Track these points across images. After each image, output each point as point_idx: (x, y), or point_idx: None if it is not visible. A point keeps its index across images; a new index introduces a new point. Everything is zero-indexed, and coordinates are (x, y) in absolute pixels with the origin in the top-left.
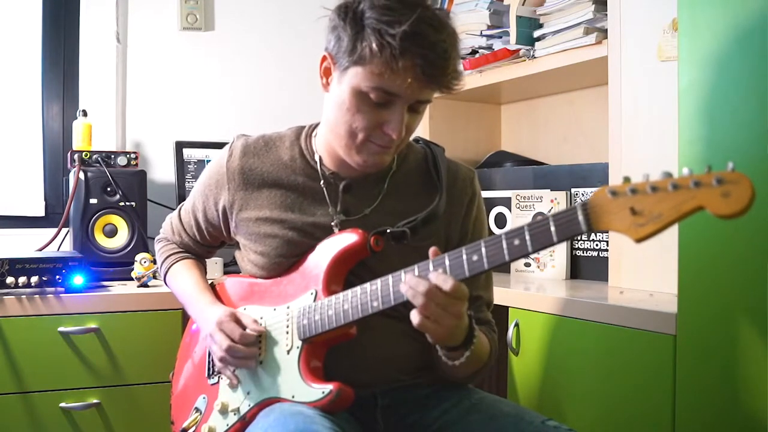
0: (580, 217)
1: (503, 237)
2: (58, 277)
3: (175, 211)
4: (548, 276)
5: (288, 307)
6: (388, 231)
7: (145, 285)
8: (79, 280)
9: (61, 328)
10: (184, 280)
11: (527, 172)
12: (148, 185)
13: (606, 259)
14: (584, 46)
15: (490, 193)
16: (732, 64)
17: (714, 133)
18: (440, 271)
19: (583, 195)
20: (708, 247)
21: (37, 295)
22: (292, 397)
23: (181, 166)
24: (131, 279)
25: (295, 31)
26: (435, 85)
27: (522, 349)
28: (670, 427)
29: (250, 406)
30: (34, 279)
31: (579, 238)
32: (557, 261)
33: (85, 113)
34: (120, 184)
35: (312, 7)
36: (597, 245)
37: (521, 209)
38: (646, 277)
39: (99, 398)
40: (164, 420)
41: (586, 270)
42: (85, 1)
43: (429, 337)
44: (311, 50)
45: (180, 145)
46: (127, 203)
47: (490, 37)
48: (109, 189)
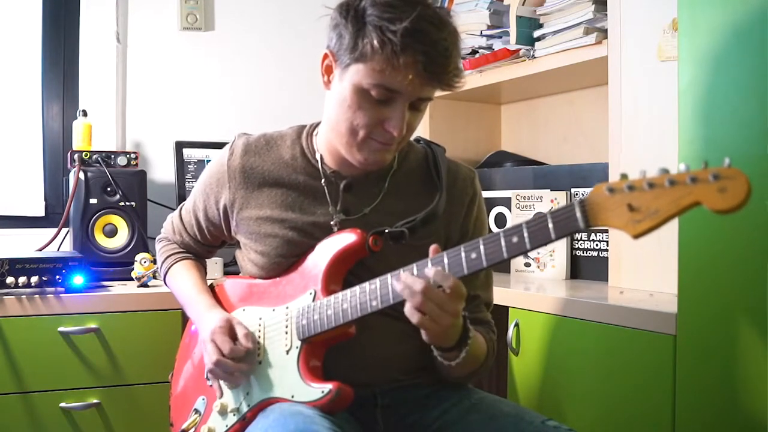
0: (578, 214)
1: (502, 235)
2: (58, 277)
3: (175, 210)
4: (548, 276)
5: (287, 308)
6: (387, 231)
7: (145, 285)
8: (79, 280)
9: (61, 328)
10: (183, 281)
11: (527, 172)
12: (148, 185)
13: (606, 259)
14: (584, 46)
15: (490, 193)
16: (732, 64)
17: (714, 132)
18: (439, 269)
19: (583, 195)
20: (708, 247)
21: (37, 295)
22: (292, 397)
23: (181, 166)
24: (131, 279)
25: (295, 31)
26: (436, 83)
27: (522, 349)
28: (670, 427)
29: (249, 406)
30: (34, 279)
31: (579, 237)
32: (557, 261)
33: (85, 113)
34: (120, 184)
35: (312, 7)
36: (597, 245)
37: (521, 209)
38: (646, 277)
39: (99, 398)
40: (164, 420)
41: (586, 270)
42: (85, 1)
43: (424, 336)
44: (311, 50)
45: (180, 145)
46: (127, 203)
47: (490, 37)
48: (109, 189)
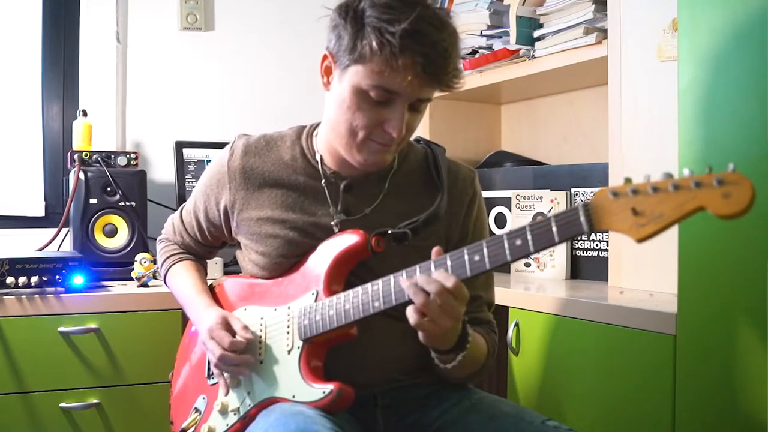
0: (582, 218)
1: (505, 237)
2: (58, 277)
3: (176, 211)
4: (548, 276)
5: (289, 308)
6: (390, 232)
7: (145, 285)
8: (79, 280)
9: (61, 328)
10: (183, 282)
11: (527, 172)
12: (148, 185)
13: (606, 259)
14: (584, 46)
15: (490, 193)
16: (732, 64)
17: (714, 132)
18: (442, 270)
19: (583, 195)
20: (708, 247)
21: (37, 295)
22: (293, 397)
23: (181, 166)
24: (131, 279)
25: (295, 31)
26: (435, 83)
27: (522, 349)
28: (670, 427)
29: (250, 406)
30: (34, 279)
31: (579, 238)
32: (557, 261)
33: (85, 113)
34: (120, 184)
35: (312, 7)
36: (597, 245)
37: (521, 209)
38: (646, 277)
39: (99, 398)
40: (164, 420)
41: (586, 270)
42: (85, 1)
43: (421, 338)
44: (311, 50)
45: (180, 145)
46: (127, 203)
47: (490, 37)
48: (109, 189)
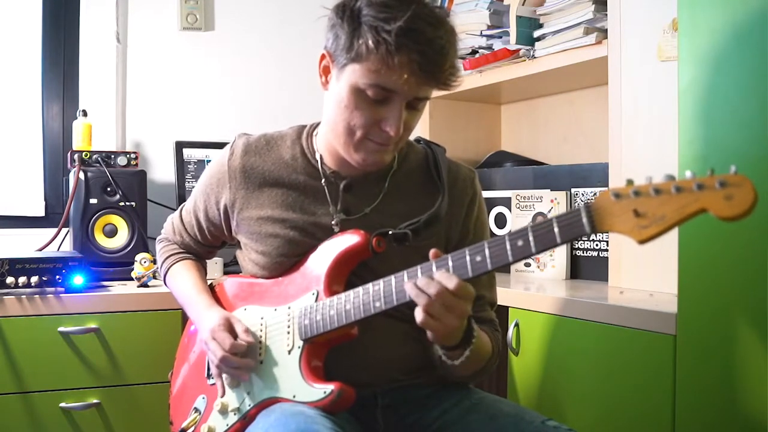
0: (584, 219)
1: (507, 238)
2: (58, 277)
3: (176, 211)
4: (548, 276)
5: (289, 308)
6: (390, 233)
7: (145, 285)
8: (79, 280)
9: (61, 328)
10: (183, 281)
11: (527, 172)
12: (148, 185)
13: (606, 259)
14: (584, 46)
15: (490, 193)
16: (732, 64)
17: (714, 132)
18: (443, 271)
19: (583, 195)
20: (708, 247)
21: (37, 295)
22: (293, 397)
23: (181, 166)
24: (131, 279)
25: (295, 31)
26: (432, 81)
27: (522, 349)
28: (670, 427)
29: (250, 405)
30: (34, 279)
31: (580, 238)
32: (557, 261)
33: (85, 113)
34: (120, 184)
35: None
36: (597, 245)
37: (521, 209)
38: (646, 277)
39: (99, 398)
40: (164, 420)
41: (586, 270)
42: (85, 1)
43: (429, 335)
44: (311, 50)
45: (180, 145)
46: (127, 203)
47: (490, 37)
48: (109, 189)
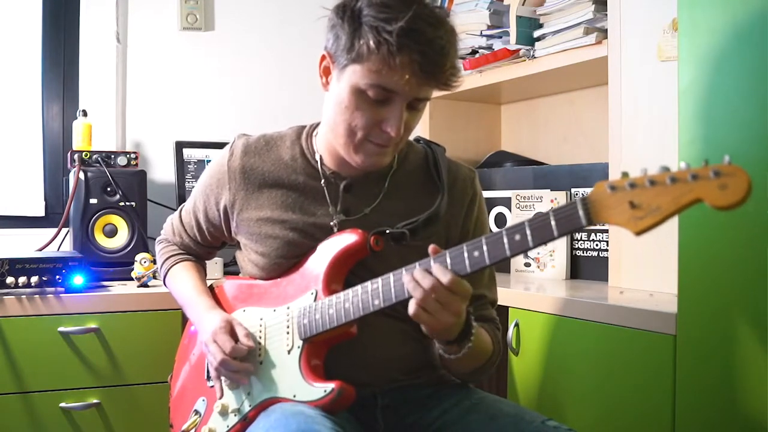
0: (580, 212)
1: (504, 232)
2: (58, 277)
3: (175, 212)
4: (548, 276)
5: (288, 308)
6: (388, 232)
7: (145, 285)
8: (79, 280)
9: (61, 328)
10: (183, 282)
11: (527, 172)
12: (148, 185)
13: (606, 259)
14: (584, 46)
15: (490, 193)
16: (732, 64)
17: (714, 132)
18: (439, 264)
19: (584, 194)
20: (708, 247)
21: (37, 295)
22: (294, 396)
23: (181, 166)
24: (131, 279)
25: (295, 31)
26: (433, 82)
27: (522, 349)
28: (670, 427)
29: (250, 406)
30: (34, 279)
31: (579, 237)
32: (557, 261)
33: (85, 113)
34: (120, 184)
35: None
36: (597, 245)
37: (521, 209)
38: (646, 277)
39: (99, 398)
40: (164, 420)
41: (586, 270)
42: (85, 1)
43: (424, 329)
44: (311, 50)
45: (180, 145)
46: (127, 203)
47: (490, 37)
48: (109, 189)
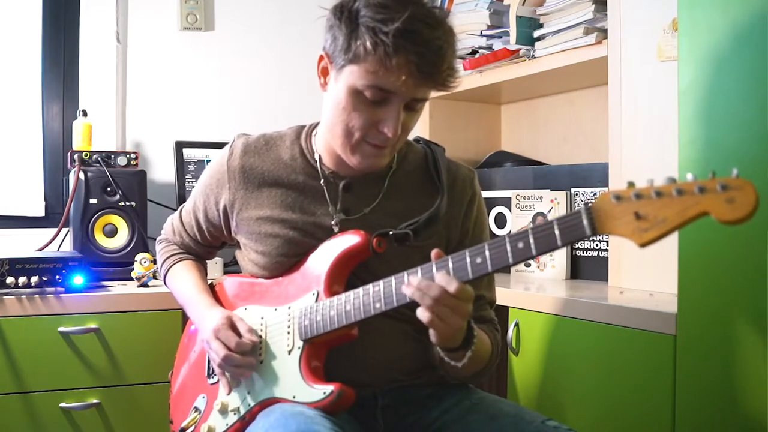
0: (585, 222)
1: (507, 240)
2: (58, 277)
3: (175, 211)
4: (548, 276)
5: (289, 308)
6: (391, 233)
7: (145, 285)
8: (79, 280)
9: (61, 328)
10: (183, 282)
11: (527, 172)
12: (148, 185)
13: (606, 259)
14: (584, 46)
15: (490, 193)
16: (732, 64)
17: (714, 133)
18: (444, 273)
19: (583, 195)
20: (708, 247)
21: (37, 295)
22: (293, 397)
23: (181, 166)
24: (131, 279)
25: (295, 31)
26: (430, 83)
27: (522, 349)
28: (670, 427)
29: (250, 405)
30: (34, 279)
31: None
32: (557, 261)
33: (85, 113)
34: (120, 184)
35: (312, 7)
36: (597, 245)
37: (521, 209)
38: (646, 277)
39: (99, 398)
40: (164, 420)
41: (586, 270)
42: (85, 1)
43: (432, 338)
44: (311, 50)
45: (180, 145)
46: (127, 203)
47: (490, 37)
48: (109, 189)
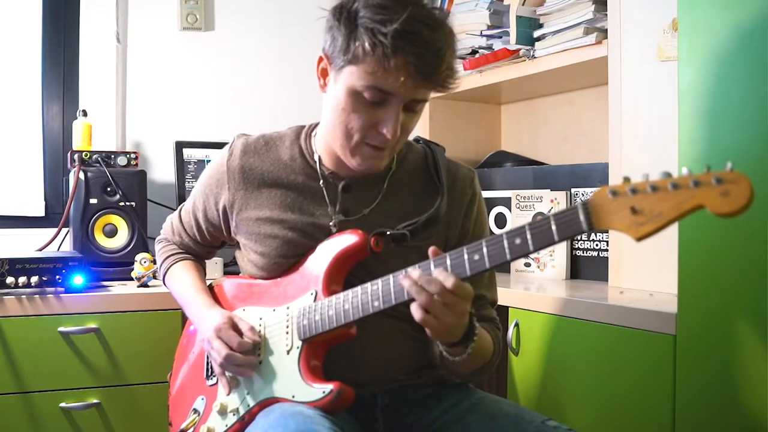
0: (581, 217)
1: (504, 236)
2: (58, 277)
3: (175, 211)
4: (548, 276)
5: (288, 308)
6: (389, 233)
7: (145, 285)
8: (79, 280)
9: (61, 328)
10: (182, 281)
11: (527, 172)
12: (148, 185)
13: (606, 259)
14: (584, 46)
15: (490, 193)
16: (732, 65)
17: (714, 133)
18: (441, 269)
19: (583, 195)
20: (708, 247)
21: (37, 295)
22: (293, 397)
23: (181, 166)
24: (131, 279)
25: (295, 31)
26: (429, 84)
27: (522, 349)
28: (670, 427)
29: (249, 406)
30: (34, 279)
31: (579, 237)
32: (557, 261)
33: (85, 113)
34: (120, 184)
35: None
36: (597, 245)
37: (521, 209)
38: (646, 277)
39: (99, 398)
40: (164, 420)
41: (586, 270)
42: (85, 1)
43: (428, 332)
44: (311, 50)
45: (180, 145)
46: (127, 203)
47: (490, 37)
48: (109, 189)
